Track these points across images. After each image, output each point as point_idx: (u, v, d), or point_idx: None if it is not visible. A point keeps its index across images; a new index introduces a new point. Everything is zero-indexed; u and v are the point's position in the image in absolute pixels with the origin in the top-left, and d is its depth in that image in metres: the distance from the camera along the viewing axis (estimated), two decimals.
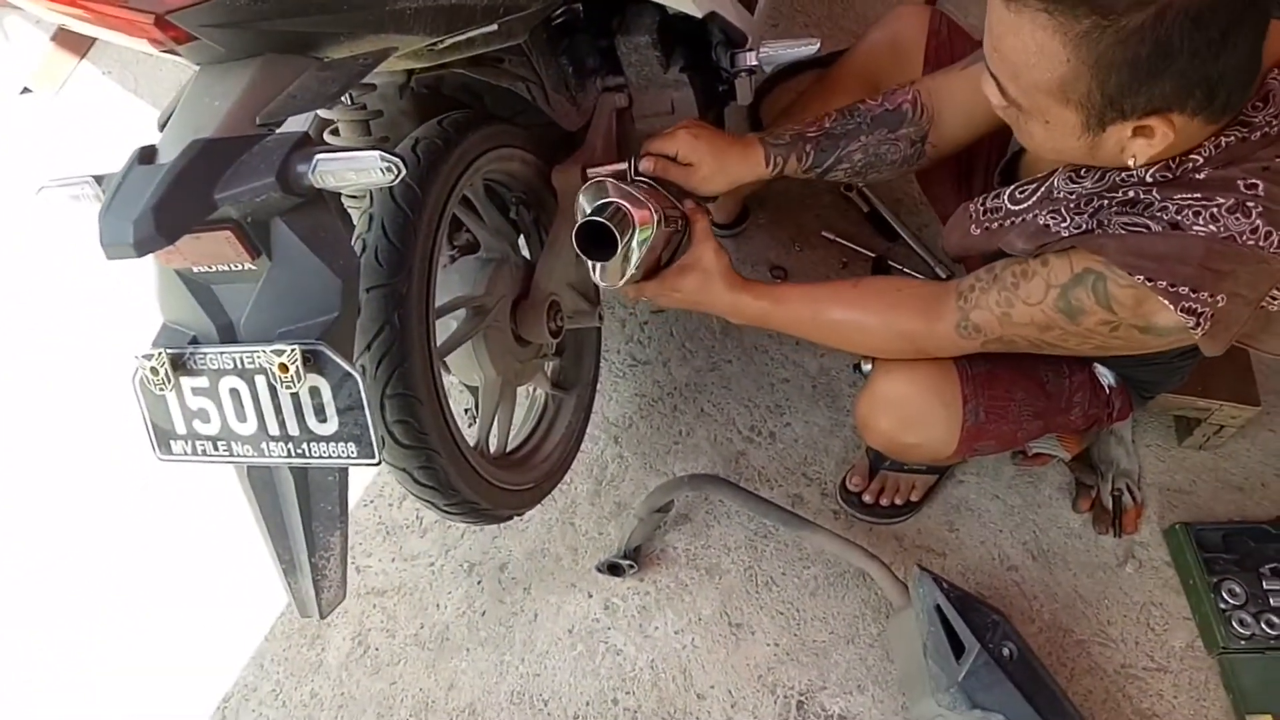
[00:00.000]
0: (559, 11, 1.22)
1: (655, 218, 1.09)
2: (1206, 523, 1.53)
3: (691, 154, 1.22)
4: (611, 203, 1.06)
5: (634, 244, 1.07)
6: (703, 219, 1.21)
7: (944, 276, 1.79)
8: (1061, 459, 1.55)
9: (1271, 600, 1.43)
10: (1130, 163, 0.92)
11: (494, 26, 0.95)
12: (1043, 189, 1.08)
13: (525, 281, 1.27)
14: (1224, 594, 1.44)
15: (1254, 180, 0.90)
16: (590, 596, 1.52)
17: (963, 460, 1.58)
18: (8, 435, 1.80)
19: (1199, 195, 0.91)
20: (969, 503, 1.59)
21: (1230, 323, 0.95)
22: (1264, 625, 1.41)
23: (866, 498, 1.55)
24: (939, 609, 1.26)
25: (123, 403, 1.09)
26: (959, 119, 1.23)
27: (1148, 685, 1.42)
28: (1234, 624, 1.42)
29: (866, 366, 1.30)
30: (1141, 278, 0.93)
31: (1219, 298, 0.92)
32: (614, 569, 1.50)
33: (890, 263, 1.81)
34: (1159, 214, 0.93)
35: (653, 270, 1.20)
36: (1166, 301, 0.93)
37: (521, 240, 1.37)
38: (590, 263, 1.09)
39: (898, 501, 1.55)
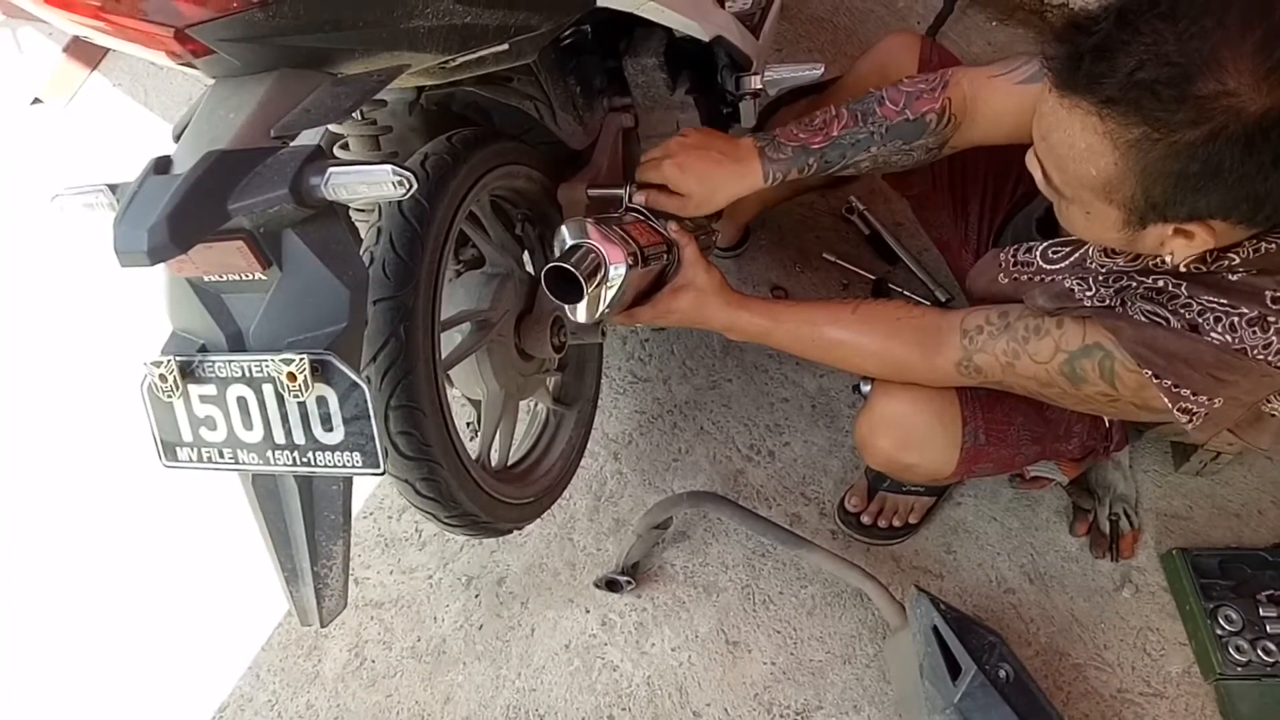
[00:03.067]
0: (568, 32, 1.24)
1: (632, 256, 1.09)
2: (1203, 549, 1.54)
3: (680, 185, 1.20)
4: (582, 245, 1.06)
5: (604, 287, 1.07)
6: (691, 242, 1.21)
7: (943, 300, 1.81)
8: (1059, 483, 1.56)
9: (1268, 627, 1.44)
10: (1168, 259, 0.91)
11: (505, 46, 0.97)
12: (1077, 255, 1.07)
13: (529, 297, 1.28)
14: (1220, 620, 1.45)
15: None
16: (588, 612, 1.52)
17: (961, 481, 1.59)
18: (12, 440, 1.81)
19: (1224, 301, 0.91)
20: (967, 525, 1.60)
21: (1221, 420, 0.97)
22: (1260, 652, 1.42)
23: (865, 518, 1.56)
24: (936, 630, 1.26)
25: (126, 410, 1.10)
26: (986, 127, 1.18)
27: (1144, 710, 1.42)
28: (1230, 650, 1.42)
29: (865, 387, 1.31)
30: (1149, 372, 0.95)
31: (1216, 401, 0.94)
32: (612, 585, 1.50)
33: (890, 285, 1.83)
34: (1181, 310, 0.93)
35: (644, 295, 1.21)
36: (1165, 399, 0.95)
37: (526, 256, 1.38)
38: (559, 303, 1.09)
39: (896, 523, 1.55)
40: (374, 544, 1.61)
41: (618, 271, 1.07)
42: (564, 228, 1.10)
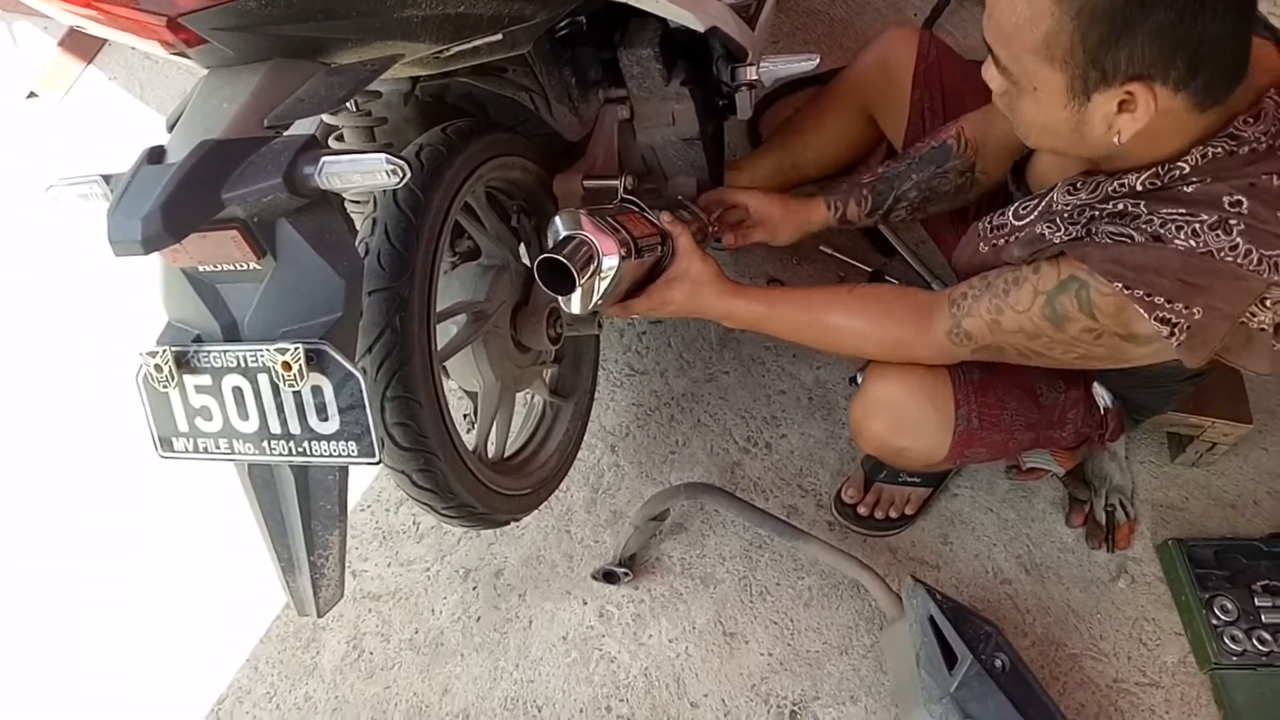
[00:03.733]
0: (563, 23, 1.24)
1: (625, 248, 1.09)
2: (1199, 539, 1.54)
3: (762, 207, 1.36)
4: (575, 236, 1.06)
5: (597, 278, 1.07)
6: (685, 232, 1.22)
7: None
8: (1055, 474, 1.56)
9: (1263, 617, 1.44)
10: (1116, 140, 0.94)
11: (499, 36, 0.97)
12: (1043, 204, 1.11)
13: (525, 288, 1.28)
14: (1216, 610, 1.45)
15: (1239, 197, 0.92)
16: (585, 604, 1.52)
17: (955, 468, 1.59)
18: (8, 433, 1.81)
19: (1183, 210, 0.94)
20: (963, 516, 1.60)
21: (1207, 336, 0.96)
22: (1255, 642, 1.42)
23: (861, 509, 1.56)
24: (932, 620, 1.27)
25: (122, 401, 1.10)
26: (1003, 145, 1.28)
27: (1140, 700, 1.43)
28: (1226, 640, 1.42)
29: (861, 379, 1.32)
30: (1120, 285, 0.96)
31: (1195, 310, 0.94)
32: (609, 577, 1.51)
33: (887, 277, 1.82)
34: (1144, 226, 0.96)
35: (639, 287, 1.21)
36: (1142, 310, 0.95)
37: (522, 248, 1.38)
38: (553, 295, 1.09)
39: (892, 514, 1.55)
40: (371, 536, 1.61)
41: (611, 262, 1.07)
42: (557, 219, 1.10)
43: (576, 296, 1.06)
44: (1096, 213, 1.02)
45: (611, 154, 1.35)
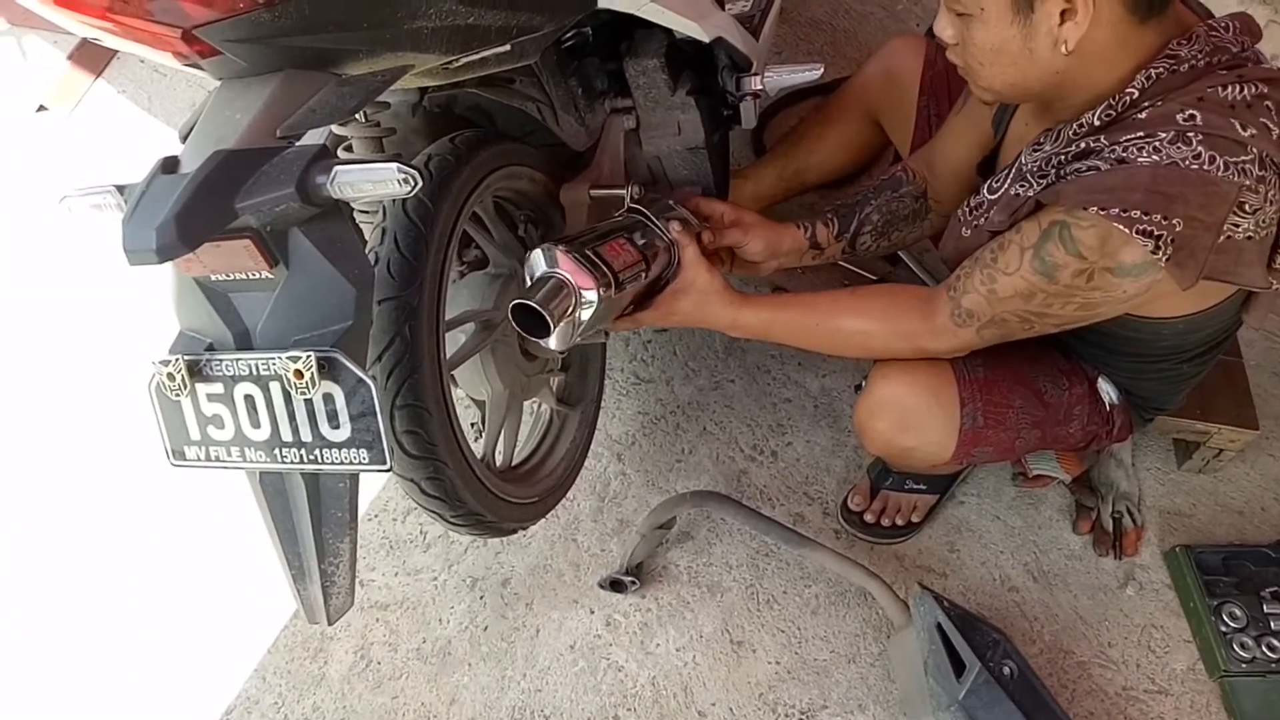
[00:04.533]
0: (570, 34, 1.25)
1: (606, 281, 1.05)
2: (1206, 546, 1.54)
3: (737, 211, 1.36)
4: (552, 276, 1.03)
5: (575, 316, 1.04)
6: (691, 242, 1.23)
7: None
8: (1062, 481, 1.56)
9: (1272, 624, 1.44)
10: (1064, 50, 1.00)
11: (507, 47, 0.98)
12: (1013, 171, 1.14)
13: None
14: (1225, 617, 1.45)
15: (1191, 111, 0.96)
16: (592, 613, 1.52)
17: (962, 475, 1.59)
18: (22, 441, 1.82)
19: (1141, 133, 0.98)
20: (970, 524, 1.60)
21: (1194, 248, 0.98)
22: (1265, 649, 1.41)
23: (868, 517, 1.56)
24: (940, 627, 1.27)
25: (135, 410, 1.11)
26: (949, 171, 1.38)
27: (1149, 708, 1.42)
28: (1235, 647, 1.42)
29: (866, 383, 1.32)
30: (1095, 209, 0.98)
31: (1174, 221, 0.96)
32: (616, 585, 1.51)
33: None
34: (1108, 155, 1.00)
35: (647, 298, 1.22)
36: (1121, 226, 0.97)
37: None
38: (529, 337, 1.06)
39: (899, 522, 1.55)
40: (379, 546, 1.61)
41: (589, 298, 1.04)
42: (533, 255, 1.06)
43: (553, 339, 1.04)
44: (1063, 157, 1.05)
45: (618, 163, 1.36)
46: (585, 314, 1.05)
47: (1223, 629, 1.44)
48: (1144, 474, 1.64)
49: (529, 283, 1.05)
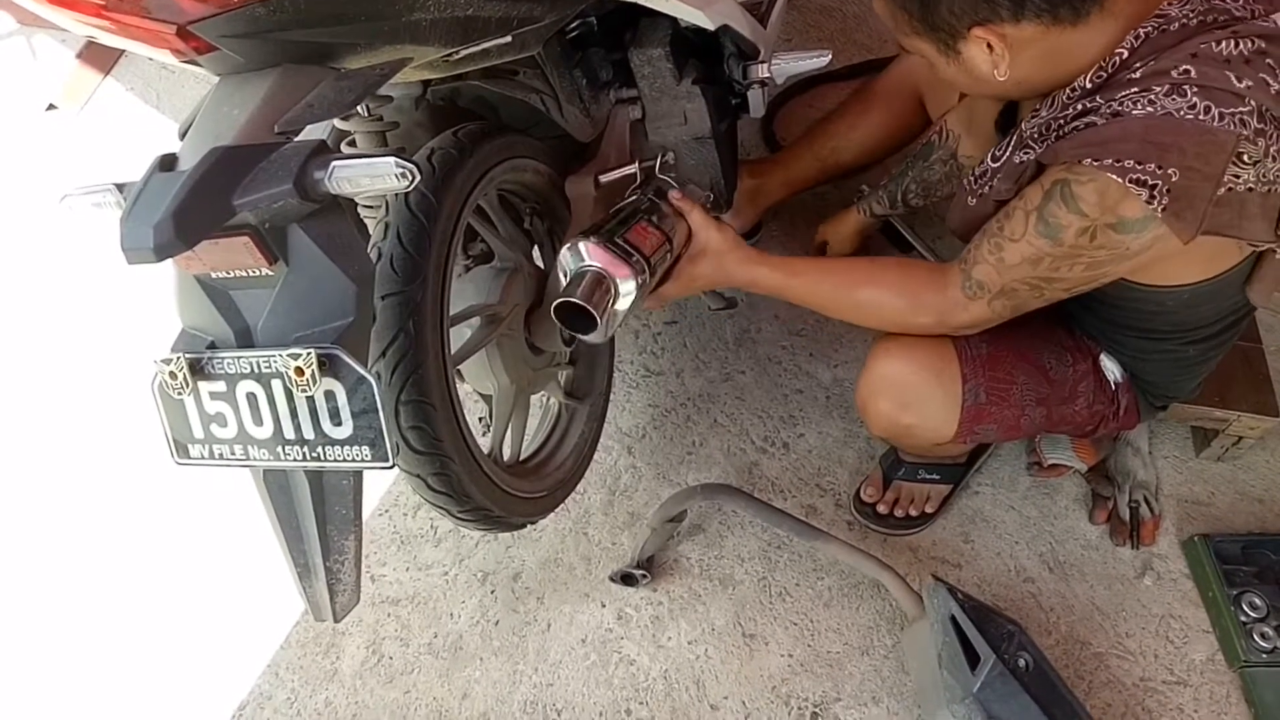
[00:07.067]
0: (573, 24, 1.24)
1: (640, 267, 1.06)
2: (1225, 534, 1.52)
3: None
4: (588, 271, 1.03)
5: (617, 307, 1.05)
6: (695, 206, 1.23)
7: None
8: (1078, 470, 1.54)
9: None
10: (997, 75, 1.05)
11: (508, 38, 0.97)
12: (1014, 138, 1.14)
13: (539, 291, 1.28)
14: (1244, 607, 1.43)
15: (1185, 66, 0.96)
16: (604, 606, 1.52)
17: (974, 458, 1.57)
18: (27, 441, 1.83)
19: (1136, 89, 0.97)
20: (984, 514, 1.58)
21: (1192, 199, 0.97)
22: None
23: (881, 508, 1.55)
24: (954, 619, 1.25)
25: (138, 409, 1.11)
26: (977, 126, 1.41)
27: (1167, 699, 1.41)
28: (1255, 637, 1.40)
29: None
30: (1090, 160, 0.98)
31: (1170, 171, 0.95)
32: (627, 579, 1.50)
33: None
34: (1104, 110, 0.99)
35: (665, 273, 1.21)
36: (1115, 176, 0.96)
37: (535, 250, 1.38)
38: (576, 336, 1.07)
39: (912, 512, 1.54)
40: (389, 541, 1.61)
41: (628, 288, 1.05)
42: (565, 253, 1.07)
43: (598, 332, 1.05)
44: (1061, 119, 1.05)
45: (624, 154, 1.35)
46: (625, 303, 1.06)
47: (1242, 619, 1.42)
48: (1161, 462, 1.62)
49: (564, 280, 1.06)
